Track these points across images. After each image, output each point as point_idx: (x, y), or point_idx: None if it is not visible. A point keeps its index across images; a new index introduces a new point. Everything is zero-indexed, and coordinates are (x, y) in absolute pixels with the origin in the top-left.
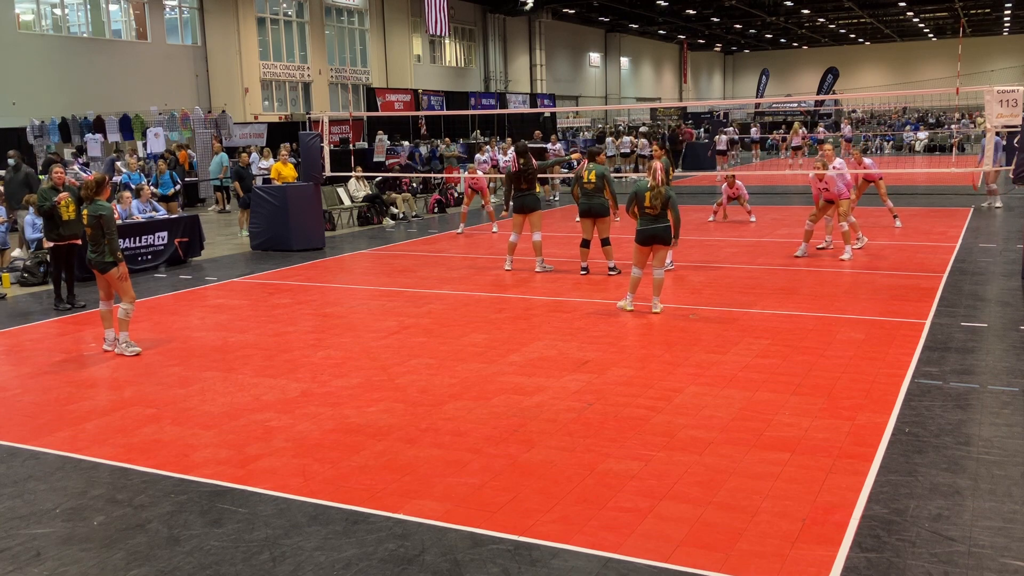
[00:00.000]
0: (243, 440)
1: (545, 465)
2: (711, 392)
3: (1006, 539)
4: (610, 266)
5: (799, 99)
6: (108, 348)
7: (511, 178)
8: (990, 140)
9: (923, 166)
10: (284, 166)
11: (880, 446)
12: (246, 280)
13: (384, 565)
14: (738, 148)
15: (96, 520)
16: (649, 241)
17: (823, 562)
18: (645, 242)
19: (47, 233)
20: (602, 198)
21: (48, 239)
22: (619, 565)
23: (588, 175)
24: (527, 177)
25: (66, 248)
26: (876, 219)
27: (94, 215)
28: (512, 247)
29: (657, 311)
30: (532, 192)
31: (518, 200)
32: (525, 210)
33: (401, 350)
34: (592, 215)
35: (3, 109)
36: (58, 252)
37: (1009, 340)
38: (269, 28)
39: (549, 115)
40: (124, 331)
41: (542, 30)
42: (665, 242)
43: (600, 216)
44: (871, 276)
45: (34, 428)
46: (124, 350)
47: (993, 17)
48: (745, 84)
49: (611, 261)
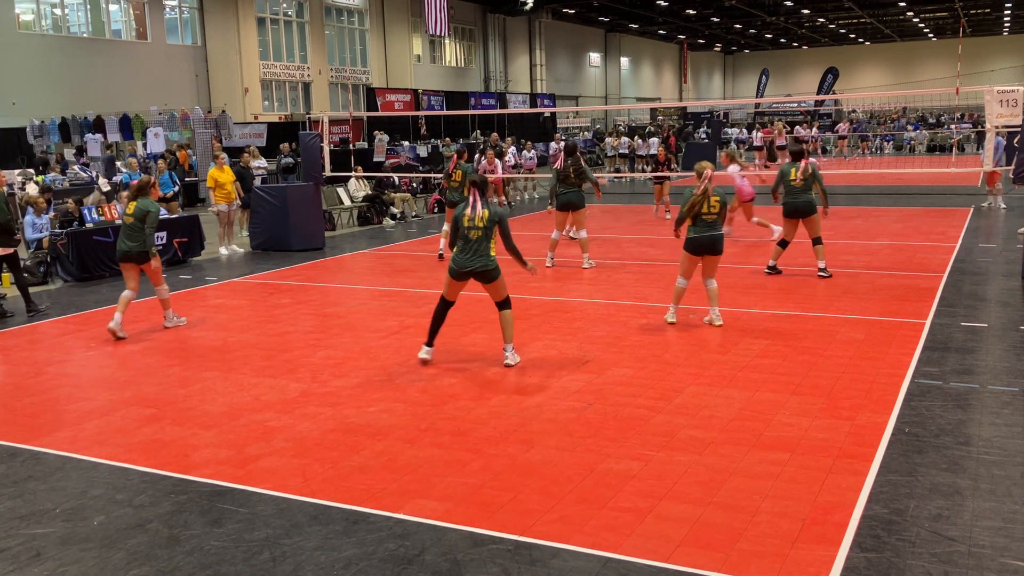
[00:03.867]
0: (243, 440)
1: (545, 465)
2: (711, 392)
3: (1006, 539)
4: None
5: (799, 99)
6: (113, 327)
7: (557, 175)
8: (990, 140)
9: (923, 166)
10: (220, 171)
11: (880, 446)
12: (246, 280)
13: (384, 565)
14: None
15: (96, 520)
16: (703, 251)
17: (823, 562)
18: (698, 251)
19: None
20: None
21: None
22: (619, 565)
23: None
24: (576, 175)
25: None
26: (876, 219)
27: (142, 209)
28: (554, 244)
29: (720, 323)
30: (577, 190)
31: (562, 197)
32: (570, 207)
33: (401, 350)
34: (570, 207)
35: (3, 109)
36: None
37: (1009, 340)
38: (269, 28)
39: (549, 115)
40: (168, 308)
41: (542, 30)
42: (719, 251)
43: (577, 208)
44: (871, 276)
45: (34, 428)
46: (176, 323)
47: (993, 17)
48: (745, 84)
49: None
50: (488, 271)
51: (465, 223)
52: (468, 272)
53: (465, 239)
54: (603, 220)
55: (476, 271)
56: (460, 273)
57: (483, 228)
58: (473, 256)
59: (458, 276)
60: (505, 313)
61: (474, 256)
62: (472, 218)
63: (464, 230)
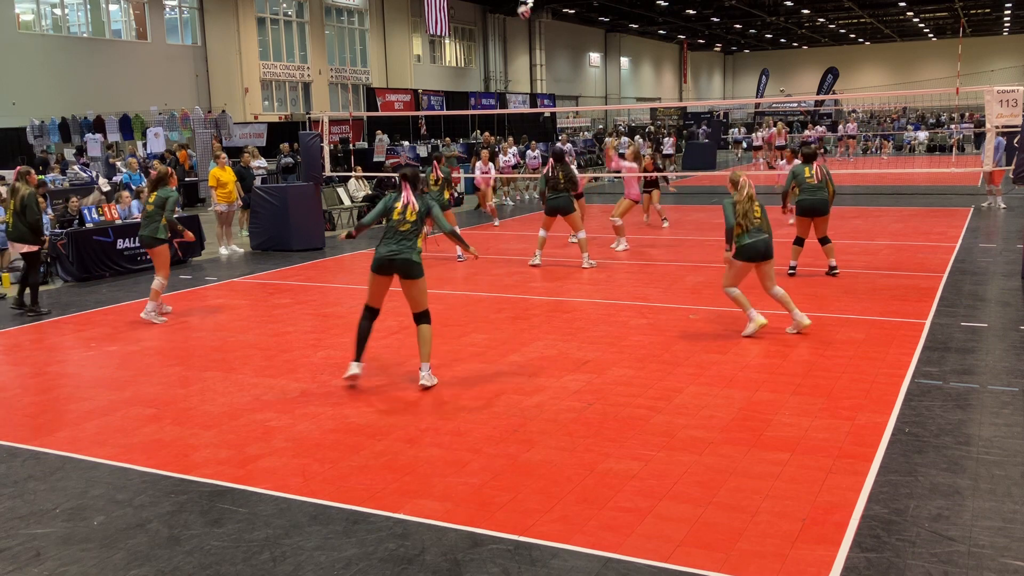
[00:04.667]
0: (243, 440)
1: (545, 465)
2: (711, 392)
3: (1006, 539)
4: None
5: (799, 99)
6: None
7: (545, 180)
8: (990, 140)
9: (923, 166)
10: (223, 171)
11: (880, 446)
12: (246, 280)
13: (384, 565)
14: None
15: (96, 520)
16: (759, 256)
17: (823, 562)
18: (754, 257)
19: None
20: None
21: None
22: (619, 565)
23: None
24: (566, 180)
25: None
26: (876, 219)
27: (162, 196)
28: (542, 242)
29: (808, 322)
30: (566, 194)
31: (552, 203)
32: (558, 212)
33: (401, 350)
34: (559, 211)
35: (3, 109)
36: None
37: (1009, 340)
38: (269, 28)
39: (549, 115)
40: (154, 300)
41: (542, 30)
42: (772, 256)
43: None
44: (871, 276)
45: (34, 428)
46: (152, 318)
47: (993, 17)
48: (745, 84)
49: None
50: (412, 264)
51: (395, 216)
52: (392, 262)
53: (393, 231)
54: (603, 220)
55: (399, 262)
56: (383, 264)
57: (413, 222)
58: (398, 246)
59: (380, 269)
60: (423, 328)
61: (399, 247)
62: (403, 211)
63: (393, 223)
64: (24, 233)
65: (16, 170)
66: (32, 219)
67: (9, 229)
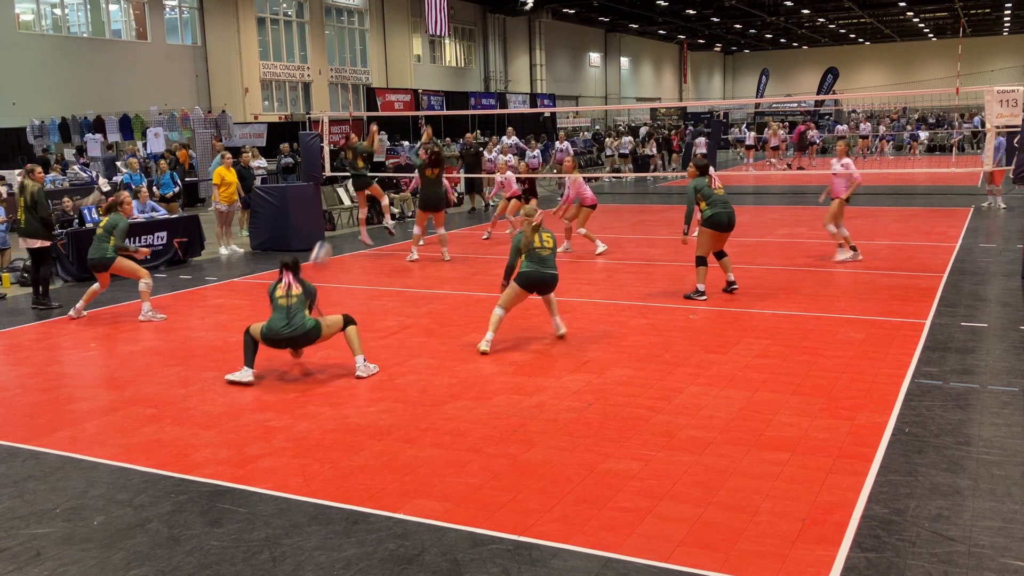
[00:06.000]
0: (243, 440)
1: (545, 465)
2: (711, 392)
3: (1006, 539)
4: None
5: (799, 99)
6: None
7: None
8: (990, 140)
9: (923, 166)
10: (228, 171)
11: (880, 446)
12: (246, 280)
13: (384, 565)
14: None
15: (96, 520)
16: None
17: (823, 562)
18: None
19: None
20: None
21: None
22: (619, 565)
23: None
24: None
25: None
26: (876, 219)
27: (112, 222)
28: (417, 239)
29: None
30: (436, 189)
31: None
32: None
33: (401, 350)
34: (431, 208)
35: (3, 109)
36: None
37: (1009, 340)
38: (269, 28)
39: (549, 115)
40: (146, 302)
41: (542, 30)
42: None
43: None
44: (871, 276)
45: (34, 428)
46: (151, 318)
47: (993, 17)
48: (745, 84)
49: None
50: (307, 332)
51: (278, 293)
52: (282, 340)
53: (279, 308)
54: (603, 220)
55: (292, 337)
56: (274, 341)
57: (296, 303)
58: (288, 324)
59: (272, 344)
60: (350, 329)
61: (289, 323)
62: (285, 295)
63: (277, 298)
64: (37, 229)
65: (24, 167)
66: (44, 214)
67: (21, 226)
